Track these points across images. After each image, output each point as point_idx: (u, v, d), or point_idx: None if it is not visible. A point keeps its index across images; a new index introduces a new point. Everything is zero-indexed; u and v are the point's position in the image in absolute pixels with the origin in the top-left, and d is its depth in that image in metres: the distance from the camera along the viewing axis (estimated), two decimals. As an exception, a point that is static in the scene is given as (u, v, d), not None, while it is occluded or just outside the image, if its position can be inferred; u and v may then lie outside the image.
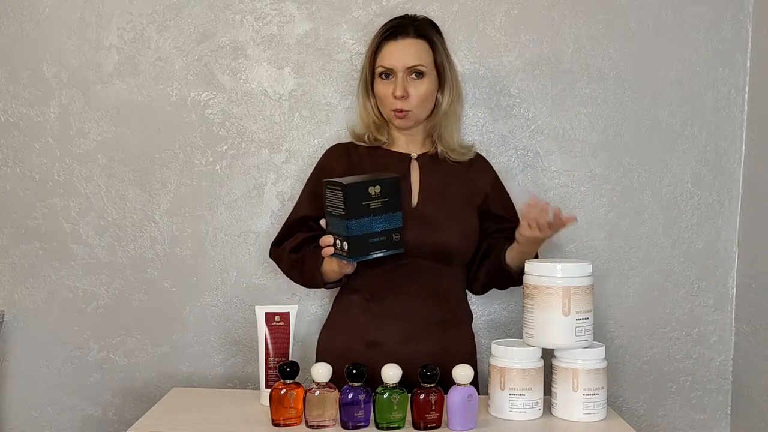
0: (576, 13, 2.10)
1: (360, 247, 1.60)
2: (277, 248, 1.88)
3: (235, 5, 2.10)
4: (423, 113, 1.80)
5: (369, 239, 1.60)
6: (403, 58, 1.75)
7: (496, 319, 2.12)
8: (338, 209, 1.59)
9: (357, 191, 1.58)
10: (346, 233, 1.58)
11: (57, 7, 2.11)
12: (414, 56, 1.75)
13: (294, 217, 1.86)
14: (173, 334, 2.14)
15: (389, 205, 1.62)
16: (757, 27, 2.08)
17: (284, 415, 1.50)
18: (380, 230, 1.61)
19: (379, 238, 1.61)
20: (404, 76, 1.75)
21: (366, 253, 1.61)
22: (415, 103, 1.76)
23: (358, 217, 1.58)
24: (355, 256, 1.60)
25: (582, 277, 1.57)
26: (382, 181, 1.61)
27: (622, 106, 2.11)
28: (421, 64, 1.75)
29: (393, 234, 1.63)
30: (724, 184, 2.13)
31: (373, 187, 1.60)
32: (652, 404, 2.16)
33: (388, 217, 1.62)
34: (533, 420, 1.58)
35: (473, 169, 1.87)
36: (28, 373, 2.14)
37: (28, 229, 2.13)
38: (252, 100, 2.11)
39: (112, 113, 2.12)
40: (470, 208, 1.82)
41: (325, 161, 1.88)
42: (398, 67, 1.75)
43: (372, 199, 1.59)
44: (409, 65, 1.74)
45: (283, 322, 1.68)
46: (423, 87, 1.76)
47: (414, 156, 1.84)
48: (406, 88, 1.74)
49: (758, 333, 2.03)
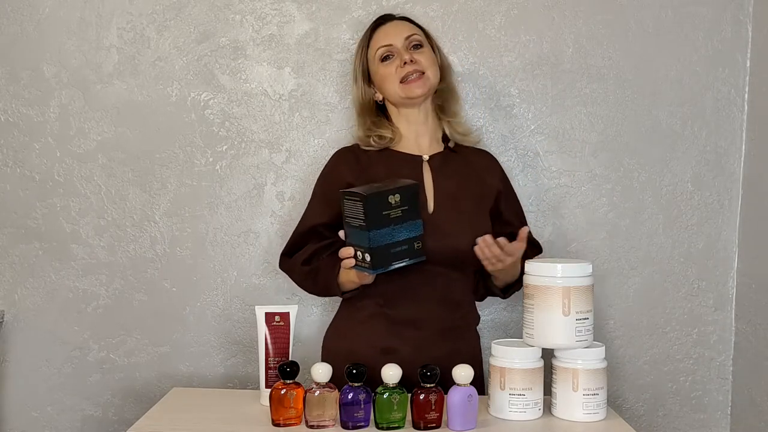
0: (576, 13, 2.10)
1: (382, 258, 1.57)
2: (288, 259, 1.85)
3: (235, 5, 2.10)
4: (434, 78, 1.81)
5: (391, 249, 1.57)
6: (398, 32, 1.81)
7: (496, 319, 2.12)
8: (358, 220, 1.56)
9: (377, 201, 1.55)
10: (368, 244, 1.55)
11: (57, 7, 2.11)
12: (407, 28, 1.84)
13: (304, 227, 1.83)
14: (173, 334, 2.14)
15: (409, 213, 1.59)
16: (757, 27, 2.08)
17: (284, 415, 1.50)
18: (402, 239, 1.58)
19: (401, 248, 1.59)
20: (405, 49, 1.79)
21: (389, 264, 1.58)
22: (426, 64, 1.79)
23: (379, 228, 1.55)
24: (377, 267, 1.57)
25: (582, 277, 1.57)
26: (402, 189, 1.58)
27: (622, 106, 2.11)
28: (416, 33, 1.82)
29: (414, 242, 1.60)
30: (724, 184, 2.13)
31: (393, 195, 1.57)
32: (652, 404, 2.16)
33: (408, 226, 1.59)
34: (533, 420, 1.58)
35: (483, 167, 1.87)
36: (28, 373, 2.14)
37: (28, 229, 2.13)
38: (252, 100, 2.11)
39: (112, 113, 2.12)
40: (483, 211, 1.81)
41: (332, 167, 1.85)
42: (397, 41, 1.80)
43: (392, 209, 1.56)
44: (406, 35, 1.80)
45: (283, 322, 1.68)
46: (426, 53, 1.82)
47: (426, 158, 1.83)
48: (410, 54, 1.78)
49: (758, 333, 2.03)
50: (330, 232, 1.79)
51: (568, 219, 2.12)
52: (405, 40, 1.79)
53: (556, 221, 2.12)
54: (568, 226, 2.12)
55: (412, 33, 1.82)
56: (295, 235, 1.85)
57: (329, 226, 1.78)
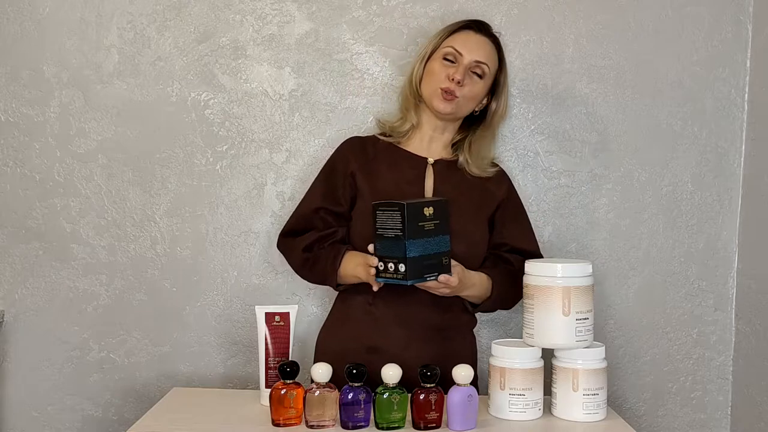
0: (576, 13, 2.10)
1: (416, 269, 1.56)
2: (286, 240, 1.86)
3: (235, 5, 2.10)
4: (465, 109, 1.80)
5: (424, 261, 1.57)
6: (476, 50, 1.77)
7: (496, 319, 2.12)
8: (394, 230, 1.56)
9: (415, 212, 1.55)
10: (404, 254, 1.55)
11: (57, 7, 2.11)
12: (486, 53, 1.78)
13: (306, 209, 1.84)
14: (173, 334, 2.14)
15: (440, 227, 1.59)
16: (757, 27, 2.08)
17: (284, 415, 1.50)
18: (433, 253, 1.58)
19: (432, 262, 1.59)
20: (466, 68, 1.76)
21: (421, 276, 1.58)
22: (466, 94, 1.76)
23: (416, 238, 1.55)
24: (412, 278, 1.56)
25: (582, 277, 1.58)
26: (435, 203, 1.60)
27: (622, 106, 2.11)
28: (487, 64, 1.78)
29: (443, 257, 1.61)
30: (724, 184, 2.13)
31: (428, 208, 1.58)
32: (652, 404, 2.16)
33: (439, 240, 1.59)
34: (533, 420, 1.58)
35: (490, 177, 1.86)
36: (28, 373, 2.14)
37: (28, 229, 2.13)
38: (252, 100, 2.11)
39: (112, 113, 2.12)
40: (481, 219, 1.81)
41: (340, 153, 1.86)
42: (468, 56, 1.76)
43: (427, 221, 1.57)
44: (477, 59, 1.76)
45: (283, 322, 1.68)
46: (477, 86, 1.78)
47: (431, 161, 1.83)
48: (464, 77, 1.75)
49: (758, 333, 2.03)
50: (331, 216, 1.80)
51: (568, 219, 2.12)
52: (473, 61, 1.76)
53: (556, 221, 2.12)
54: (568, 226, 2.12)
55: (485, 62, 1.77)
56: (297, 216, 1.85)
57: (331, 211, 1.80)
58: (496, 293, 1.76)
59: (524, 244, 1.85)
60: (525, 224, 1.89)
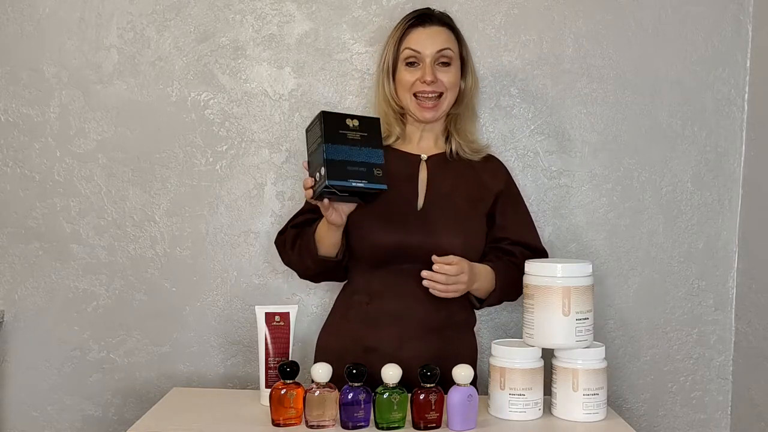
0: (576, 13, 2.10)
1: (338, 171, 1.55)
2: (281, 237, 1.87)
3: (235, 5, 2.10)
4: (451, 99, 1.79)
5: (347, 166, 1.57)
6: (432, 43, 1.76)
7: (496, 319, 2.12)
8: (317, 142, 1.59)
9: (334, 118, 1.59)
10: (324, 157, 1.55)
11: (57, 7, 2.11)
12: (443, 40, 1.77)
13: (300, 212, 1.85)
14: (173, 334, 2.14)
15: (369, 140, 1.60)
16: (757, 27, 2.08)
17: (284, 415, 1.50)
18: (359, 161, 1.58)
19: (359, 168, 1.58)
20: (432, 63, 1.75)
21: (345, 179, 1.56)
22: (447, 85, 1.76)
23: (336, 143, 1.57)
24: (332, 178, 1.54)
25: (582, 277, 1.58)
26: (362, 117, 1.62)
27: (622, 106, 2.11)
28: (449, 48, 1.77)
29: (374, 169, 1.60)
30: (724, 184, 2.13)
31: (351, 120, 1.60)
32: (652, 404, 2.16)
33: (368, 152, 1.60)
34: (533, 420, 1.58)
35: (487, 170, 1.85)
36: (28, 373, 2.14)
37: (28, 229, 2.13)
38: (252, 100, 2.11)
39: (112, 113, 2.12)
40: (477, 213, 1.80)
41: None
42: (427, 53, 1.75)
43: (350, 131, 1.59)
44: (438, 48, 1.75)
45: (283, 322, 1.68)
46: (450, 74, 1.77)
47: (424, 158, 1.83)
48: (434, 73, 1.75)
49: (758, 333, 2.03)
50: None
51: (568, 219, 2.12)
52: (436, 53, 1.75)
53: (556, 221, 2.12)
54: (568, 226, 2.12)
55: (446, 47, 1.76)
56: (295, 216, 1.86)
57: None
58: (500, 284, 1.76)
59: (525, 237, 1.85)
60: (525, 216, 1.89)
